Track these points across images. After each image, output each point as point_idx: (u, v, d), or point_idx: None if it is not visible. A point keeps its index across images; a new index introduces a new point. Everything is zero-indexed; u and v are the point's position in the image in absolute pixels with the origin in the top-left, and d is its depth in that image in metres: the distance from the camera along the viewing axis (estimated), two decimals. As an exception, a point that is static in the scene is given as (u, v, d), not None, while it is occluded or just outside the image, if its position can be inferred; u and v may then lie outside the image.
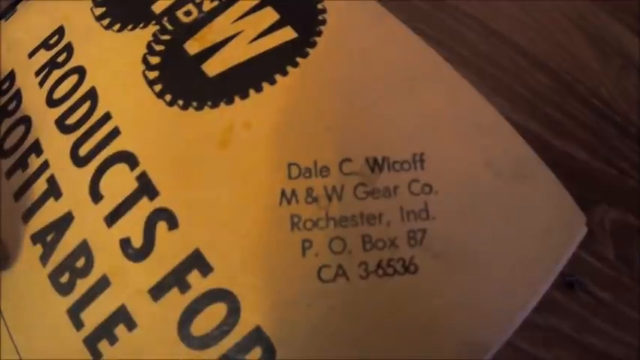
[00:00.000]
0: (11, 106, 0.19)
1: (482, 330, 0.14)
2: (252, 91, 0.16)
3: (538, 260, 0.14)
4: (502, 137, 0.15)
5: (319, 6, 0.18)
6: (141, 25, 0.19)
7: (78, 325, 0.15)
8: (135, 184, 0.16)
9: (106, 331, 0.15)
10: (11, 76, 0.20)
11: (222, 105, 0.16)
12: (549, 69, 0.21)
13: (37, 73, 0.19)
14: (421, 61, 0.17)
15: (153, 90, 0.17)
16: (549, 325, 0.16)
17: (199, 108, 0.16)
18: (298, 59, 0.17)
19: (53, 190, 0.17)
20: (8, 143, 0.19)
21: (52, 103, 0.19)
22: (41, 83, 0.19)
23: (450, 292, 0.14)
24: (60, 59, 0.19)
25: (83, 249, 0.16)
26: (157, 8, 0.19)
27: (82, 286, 0.15)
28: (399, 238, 0.14)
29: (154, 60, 0.18)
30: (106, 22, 0.19)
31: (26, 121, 0.19)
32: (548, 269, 0.14)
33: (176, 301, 0.14)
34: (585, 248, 0.17)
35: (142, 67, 0.18)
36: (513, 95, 0.20)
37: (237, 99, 0.16)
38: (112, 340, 0.15)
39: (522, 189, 0.15)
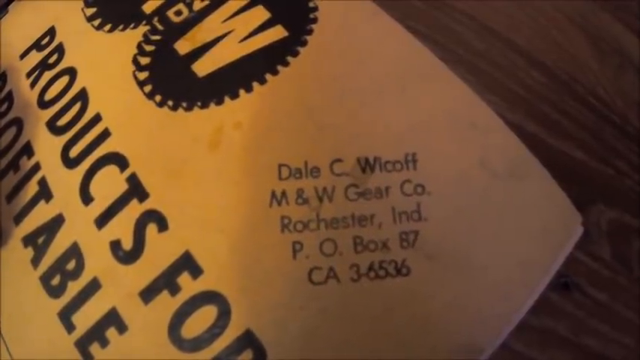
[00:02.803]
0: (3, 108, 0.19)
1: (477, 332, 0.13)
2: (242, 91, 0.16)
3: (534, 261, 0.14)
4: (497, 137, 0.15)
5: (310, 4, 0.17)
6: (131, 26, 0.19)
7: (69, 327, 0.15)
8: (125, 186, 0.16)
9: (97, 333, 0.15)
10: (2, 77, 0.20)
11: (212, 105, 0.16)
12: (546, 67, 0.21)
13: (29, 75, 0.19)
14: (415, 60, 0.16)
15: (143, 91, 0.17)
16: (545, 327, 0.16)
17: (189, 109, 0.16)
18: (289, 58, 0.16)
19: (44, 192, 0.17)
20: (0, 145, 0.19)
21: (43, 104, 0.18)
22: (32, 85, 0.19)
23: (443, 294, 0.14)
24: (51, 60, 0.19)
25: (74, 251, 0.16)
26: (148, 8, 0.19)
27: (73, 288, 0.15)
28: (391, 240, 0.14)
29: (144, 60, 0.18)
30: (97, 22, 0.19)
31: (18, 122, 0.19)
32: (544, 270, 0.14)
33: (166, 304, 0.14)
34: (581, 249, 0.17)
35: (133, 67, 0.17)
36: (509, 94, 0.20)
37: (227, 99, 0.16)
38: (104, 342, 0.15)
39: (518, 189, 0.15)
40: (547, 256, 0.14)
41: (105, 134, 0.17)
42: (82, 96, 0.18)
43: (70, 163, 0.17)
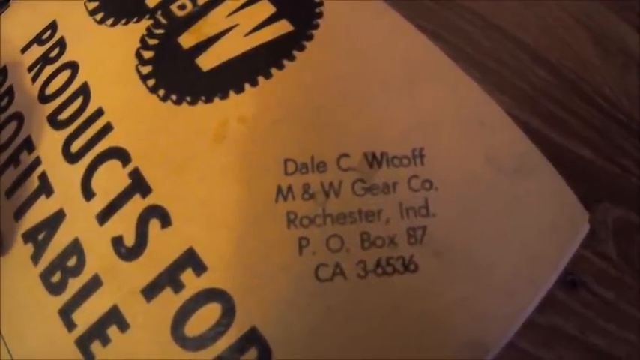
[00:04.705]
0: (3, 103, 0.19)
1: (484, 330, 0.13)
2: (247, 85, 0.16)
3: (540, 258, 0.14)
4: (504, 134, 0.15)
5: (316, -2, 0.17)
6: (134, 20, 0.18)
7: (70, 325, 0.15)
8: (127, 181, 0.15)
9: (98, 331, 0.14)
10: (4, 71, 0.20)
11: (217, 99, 0.16)
12: (552, 66, 0.21)
13: (30, 69, 0.19)
14: (422, 56, 0.16)
15: (146, 85, 0.17)
16: (551, 325, 0.16)
17: (193, 103, 0.16)
18: (295, 52, 0.16)
19: (45, 188, 0.17)
20: (0, 140, 0.18)
21: (44, 98, 0.18)
22: (34, 79, 0.19)
23: (450, 291, 0.14)
24: (53, 54, 0.19)
25: (75, 248, 0.15)
26: (151, 2, 0.19)
27: (74, 285, 0.15)
28: (398, 236, 0.14)
29: (148, 54, 0.17)
30: (99, 16, 0.19)
31: (18, 117, 0.18)
32: (551, 267, 0.14)
33: (169, 301, 0.14)
34: (588, 247, 0.17)
35: (136, 61, 0.17)
36: (516, 92, 0.20)
37: (232, 93, 0.16)
38: (105, 340, 0.14)
39: (525, 186, 0.15)
40: (554, 254, 0.14)
41: (107, 129, 0.16)
42: (84, 90, 0.18)
43: (71, 157, 0.17)
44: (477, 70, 0.18)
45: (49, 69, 0.19)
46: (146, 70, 0.17)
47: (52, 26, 0.20)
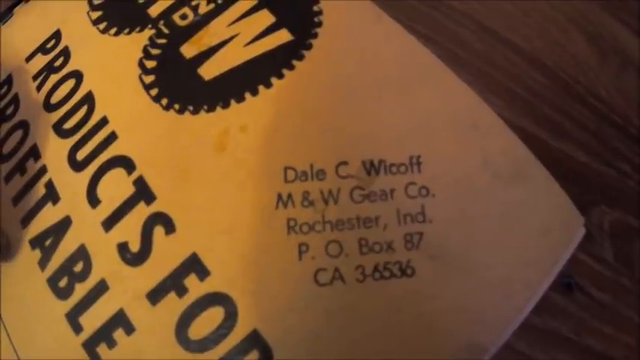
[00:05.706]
0: (9, 111, 0.19)
1: (480, 332, 0.14)
2: (248, 95, 0.16)
3: (536, 262, 0.14)
4: (500, 138, 0.15)
5: (315, 8, 0.17)
6: (137, 29, 0.19)
7: (77, 329, 0.15)
8: (132, 189, 0.16)
9: (104, 335, 0.15)
10: (9, 80, 0.20)
11: (219, 109, 0.16)
12: (546, 68, 0.21)
13: (35, 78, 0.20)
14: (417, 62, 0.16)
15: (149, 94, 0.17)
16: (547, 327, 0.16)
17: (195, 112, 0.16)
18: (294, 62, 0.16)
19: (51, 195, 0.17)
20: (6, 148, 0.19)
21: (49, 107, 0.19)
22: (39, 88, 0.19)
23: (447, 294, 0.14)
24: (57, 64, 0.19)
25: (81, 253, 0.16)
26: (154, 12, 0.19)
27: (81, 290, 0.15)
28: (395, 242, 0.14)
29: (150, 64, 0.18)
30: (102, 26, 0.19)
31: (24, 125, 0.19)
32: (547, 271, 0.14)
33: (174, 305, 0.14)
34: (584, 250, 0.17)
35: (139, 71, 0.18)
36: (510, 95, 0.20)
37: (233, 102, 0.16)
38: (111, 343, 0.15)
39: (520, 191, 0.15)
40: (549, 257, 0.14)
41: (111, 137, 0.17)
42: (89, 99, 0.18)
43: (77, 166, 0.17)
44: (470, 74, 0.18)
45: (53, 78, 0.19)
46: (149, 79, 0.17)
47: (56, 35, 0.20)
